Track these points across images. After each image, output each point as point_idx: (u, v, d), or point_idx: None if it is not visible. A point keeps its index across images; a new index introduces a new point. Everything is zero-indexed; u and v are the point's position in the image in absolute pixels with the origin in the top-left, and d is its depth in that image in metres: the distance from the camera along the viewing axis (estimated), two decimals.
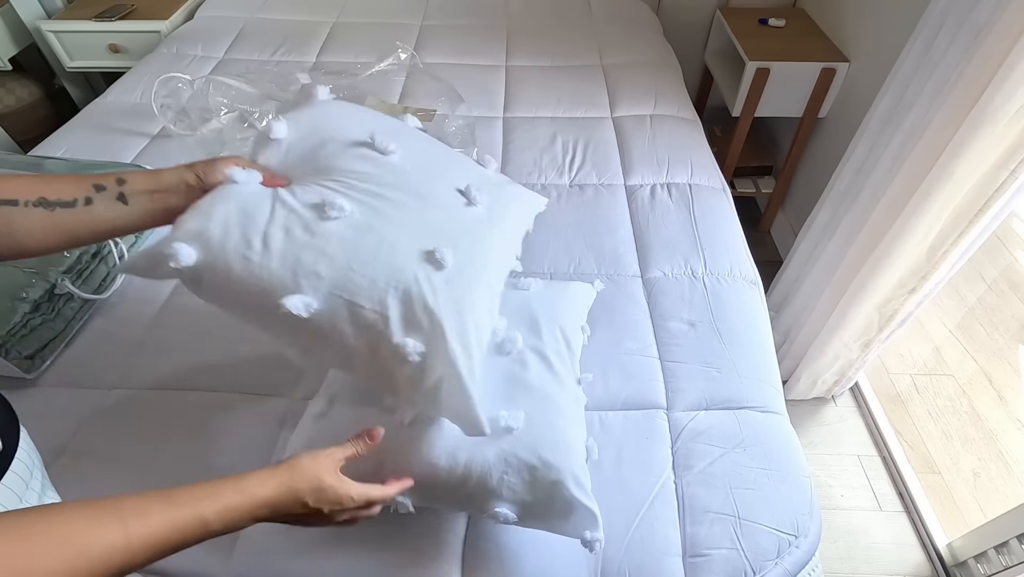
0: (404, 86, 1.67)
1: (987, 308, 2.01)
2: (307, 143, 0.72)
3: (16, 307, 0.96)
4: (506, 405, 0.73)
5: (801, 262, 1.63)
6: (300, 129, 0.72)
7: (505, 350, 0.80)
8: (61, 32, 2.06)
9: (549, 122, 1.58)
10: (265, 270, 0.62)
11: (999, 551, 1.27)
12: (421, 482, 0.69)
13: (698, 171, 1.43)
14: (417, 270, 0.66)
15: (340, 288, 0.63)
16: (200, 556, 0.79)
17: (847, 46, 1.78)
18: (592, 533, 0.70)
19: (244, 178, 0.64)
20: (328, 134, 0.73)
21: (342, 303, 0.63)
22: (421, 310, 0.64)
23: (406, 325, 0.64)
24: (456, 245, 0.69)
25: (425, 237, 0.69)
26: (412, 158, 0.74)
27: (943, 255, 1.24)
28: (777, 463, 0.89)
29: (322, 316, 0.63)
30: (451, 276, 0.67)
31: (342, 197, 0.66)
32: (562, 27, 2.01)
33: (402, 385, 0.67)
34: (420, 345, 0.64)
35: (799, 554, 0.82)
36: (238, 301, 0.66)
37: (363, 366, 0.68)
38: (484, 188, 0.76)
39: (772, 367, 1.05)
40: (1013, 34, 0.96)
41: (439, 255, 0.67)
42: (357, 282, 0.63)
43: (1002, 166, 1.08)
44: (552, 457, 0.70)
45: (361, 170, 0.70)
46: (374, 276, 0.64)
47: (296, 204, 0.65)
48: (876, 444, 1.64)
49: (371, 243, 0.65)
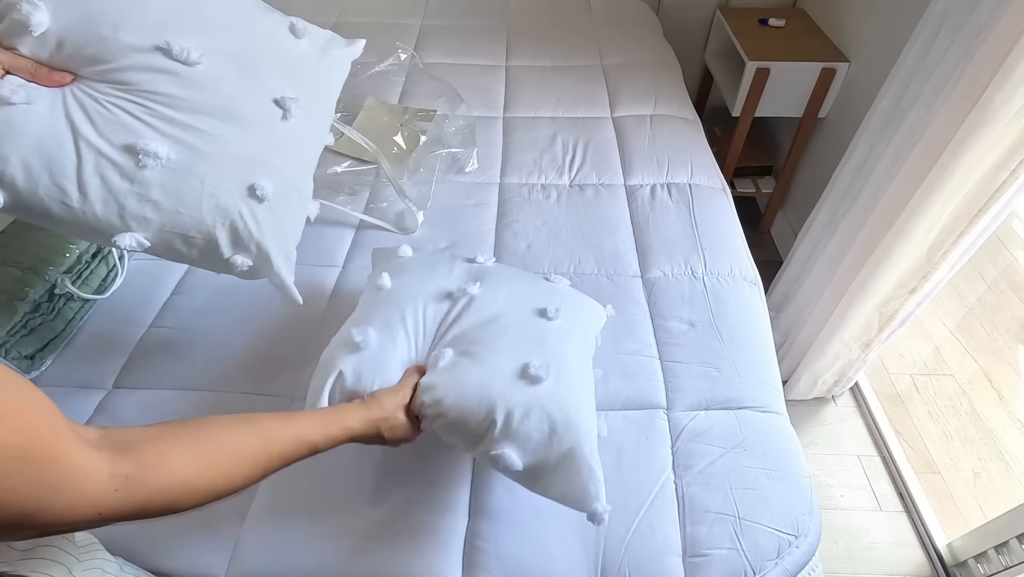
0: (404, 87, 1.67)
1: (987, 308, 2.02)
2: (83, 38, 0.62)
3: (16, 307, 0.96)
4: (538, 357, 0.74)
5: (801, 262, 1.63)
6: (69, 17, 0.61)
7: (549, 316, 0.81)
8: None
9: (549, 122, 1.58)
10: (89, 214, 0.64)
11: (999, 551, 1.27)
12: (449, 411, 0.70)
13: (698, 171, 1.43)
14: (241, 206, 0.72)
15: (170, 226, 0.69)
16: (200, 556, 0.79)
17: (847, 46, 1.78)
18: (598, 505, 0.69)
19: (23, 97, 0.57)
20: (109, 28, 0.63)
21: (174, 236, 0.70)
22: (248, 239, 0.73)
23: (235, 247, 0.74)
24: (272, 169, 0.75)
25: (246, 169, 0.73)
26: (217, 59, 0.70)
27: (943, 255, 1.24)
28: (777, 463, 0.89)
29: (156, 246, 0.71)
30: (274, 204, 0.75)
31: (155, 139, 0.64)
32: (562, 27, 2.01)
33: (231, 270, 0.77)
34: (248, 260, 0.75)
35: (799, 554, 0.82)
36: (64, 230, 0.70)
37: (199, 264, 0.77)
38: None
39: (772, 367, 1.05)
40: (1013, 34, 0.96)
41: (259, 191, 0.72)
42: (185, 222, 0.69)
43: (1002, 166, 1.08)
44: (576, 417, 0.71)
45: (165, 92, 0.66)
46: (201, 216, 0.70)
47: (105, 146, 0.62)
48: (876, 444, 1.64)
49: (194, 187, 0.69)
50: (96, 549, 0.63)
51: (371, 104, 1.53)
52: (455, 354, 0.75)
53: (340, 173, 1.35)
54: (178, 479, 0.45)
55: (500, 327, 0.78)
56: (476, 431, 0.70)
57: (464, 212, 1.31)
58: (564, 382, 0.74)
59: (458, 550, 0.81)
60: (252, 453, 0.52)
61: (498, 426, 0.69)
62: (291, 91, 0.77)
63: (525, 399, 0.70)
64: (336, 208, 1.27)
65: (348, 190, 1.34)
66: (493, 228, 1.28)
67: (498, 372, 0.72)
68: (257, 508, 0.83)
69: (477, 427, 0.70)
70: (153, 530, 0.80)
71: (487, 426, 0.69)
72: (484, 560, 0.79)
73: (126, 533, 0.77)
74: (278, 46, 0.80)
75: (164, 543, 0.79)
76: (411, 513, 0.82)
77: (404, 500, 0.84)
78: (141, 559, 0.75)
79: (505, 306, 0.81)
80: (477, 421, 0.70)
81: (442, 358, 0.74)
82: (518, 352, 0.74)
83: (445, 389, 0.71)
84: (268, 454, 0.54)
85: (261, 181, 0.72)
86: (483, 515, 0.83)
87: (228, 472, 0.50)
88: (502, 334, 0.77)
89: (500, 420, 0.69)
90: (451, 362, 0.74)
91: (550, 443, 0.69)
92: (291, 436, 0.57)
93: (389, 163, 1.33)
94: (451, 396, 0.70)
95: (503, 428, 0.69)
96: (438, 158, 1.42)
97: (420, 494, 0.84)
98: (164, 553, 0.78)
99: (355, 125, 1.45)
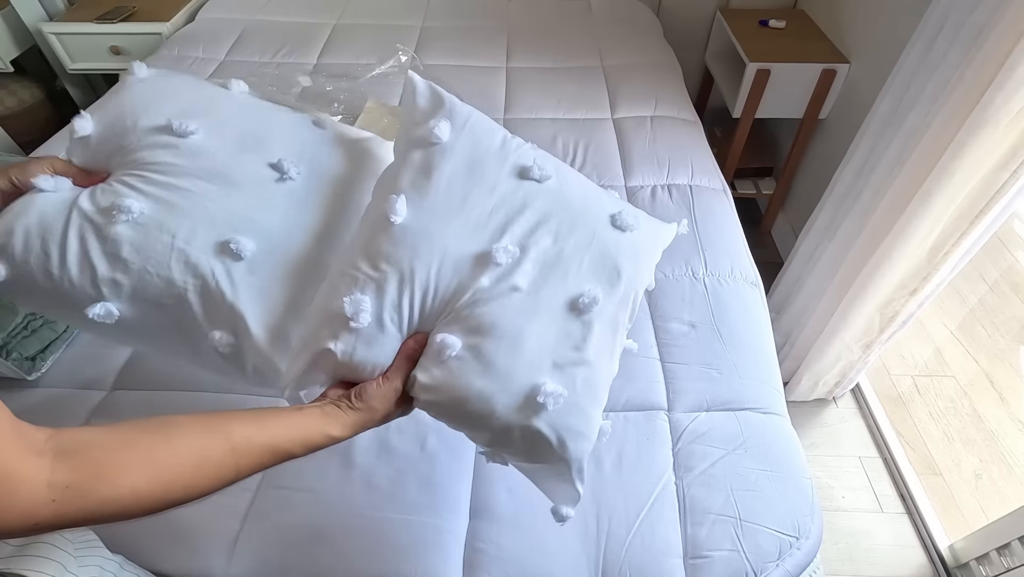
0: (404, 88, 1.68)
1: (988, 309, 2.01)
2: (113, 133, 0.68)
3: (17, 309, 0.97)
4: (552, 375, 0.65)
5: (802, 263, 1.63)
6: (106, 120, 0.69)
7: (581, 308, 0.69)
8: (63, 34, 2.07)
9: (550, 124, 1.58)
10: (66, 281, 0.62)
11: (1001, 553, 1.27)
12: (447, 418, 0.67)
13: (699, 172, 1.43)
14: (214, 263, 0.64)
15: (141, 291, 0.63)
16: (200, 556, 0.79)
17: (848, 47, 1.78)
18: (567, 510, 0.67)
19: (52, 185, 0.62)
20: (132, 121, 0.68)
21: (147, 303, 0.64)
22: (220, 302, 0.64)
23: (209, 318, 0.64)
24: (258, 227, 0.67)
25: (225, 225, 0.66)
26: (221, 134, 0.70)
27: (944, 256, 1.24)
28: (778, 464, 0.89)
29: (130, 317, 0.64)
30: (256, 265, 0.65)
31: (134, 197, 0.64)
32: (562, 28, 2.01)
33: (228, 371, 0.67)
34: (227, 336, 0.64)
35: (800, 556, 0.81)
36: (50, 308, 0.67)
37: (183, 349, 0.67)
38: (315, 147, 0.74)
39: (773, 368, 1.05)
40: (1014, 35, 0.96)
41: (234, 245, 0.64)
42: (155, 283, 0.63)
43: (1003, 167, 1.08)
44: (571, 443, 0.65)
45: (161, 161, 0.66)
46: (169, 276, 0.63)
47: (90, 209, 0.63)
48: (877, 445, 1.63)
49: (163, 242, 0.63)
50: (95, 546, 0.62)
51: (372, 106, 1.53)
52: (463, 347, 0.64)
53: None
54: (127, 490, 0.42)
55: (523, 313, 0.66)
56: (472, 434, 0.69)
57: None
58: (574, 409, 0.66)
59: (458, 551, 0.80)
60: (216, 462, 0.48)
61: (494, 435, 0.66)
62: (293, 157, 0.72)
63: (528, 423, 0.64)
64: None
65: None
66: None
67: (506, 389, 0.64)
68: (257, 508, 0.83)
69: (473, 433, 0.69)
70: (153, 530, 0.80)
71: (485, 432, 0.67)
72: (484, 561, 0.79)
73: (125, 533, 0.77)
74: (297, 132, 0.77)
75: (164, 543, 0.79)
76: (411, 513, 0.82)
77: (404, 500, 0.84)
78: (141, 559, 0.75)
79: (535, 283, 0.67)
80: (475, 430, 0.68)
81: (448, 348, 0.63)
82: (534, 366, 0.65)
83: (445, 394, 0.64)
84: (236, 465, 0.49)
85: (240, 238, 0.65)
86: (483, 516, 0.83)
87: (187, 484, 0.46)
88: (522, 332, 0.65)
89: (497, 431, 0.65)
90: (458, 356, 0.63)
91: (538, 454, 0.67)
92: (263, 445, 0.52)
93: None
94: (451, 404, 0.65)
95: (499, 437, 0.66)
96: None
97: (420, 494, 0.84)
98: (164, 553, 0.78)
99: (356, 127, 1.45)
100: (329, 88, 1.59)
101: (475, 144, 0.72)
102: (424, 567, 0.78)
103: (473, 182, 0.70)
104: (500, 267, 0.67)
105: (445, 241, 0.66)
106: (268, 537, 0.80)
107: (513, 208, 0.70)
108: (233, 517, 0.82)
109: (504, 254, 0.67)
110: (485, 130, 0.75)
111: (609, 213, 0.74)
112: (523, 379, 0.64)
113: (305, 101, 1.54)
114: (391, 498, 0.84)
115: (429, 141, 0.71)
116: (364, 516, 0.82)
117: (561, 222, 0.71)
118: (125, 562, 0.66)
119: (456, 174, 0.69)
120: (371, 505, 0.83)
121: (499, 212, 0.69)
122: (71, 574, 0.54)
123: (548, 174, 0.73)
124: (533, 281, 0.67)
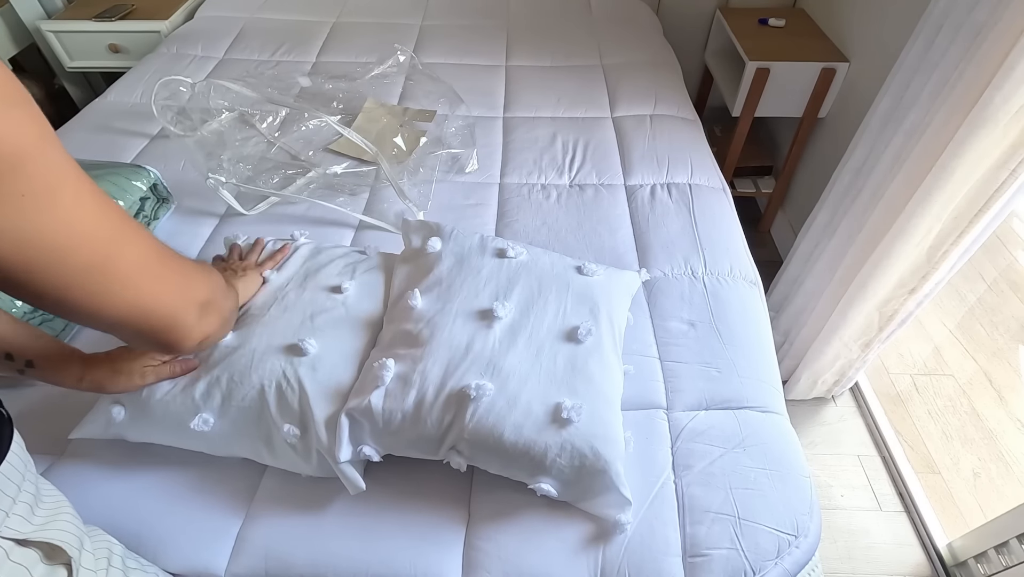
0: (403, 88, 1.68)
1: (987, 308, 2.02)
2: None
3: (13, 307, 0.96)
4: (569, 393, 0.78)
5: (801, 262, 1.63)
6: None
7: (579, 338, 0.84)
8: (61, 32, 2.06)
9: (549, 122, 1.58)
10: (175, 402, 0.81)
11: (999, 551, 1.27)
12: (484, 442, 0.76)
13: (698, 171, 1.43)
14: (284, 365, 0.80)
15: (229, 399, 0.79)
16: (201, 553, 0.79)
17: (847, 46, 1.78)
18: (623, 516, 0.78)
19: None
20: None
21: (237, 410, 0.79)
22: (291, 398, 0.78)
23: (281, 412, 0.78)
24: (316, 331, 0.84)
25: (292, 333, 0.83)
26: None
27: (943, 255, 1.24)
28: (777, 463, 0.89)
29: (223, 427, 0.79)
30: (319, 362, 0.81)
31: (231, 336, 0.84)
32: (562, 27, 2.01)
33: (298, 465, 0.81)
34: (295, 428, 0.77)
35: (799, 554, 0.81)
36: (156, 435, 0.83)
37: (267, 452, 0.82)
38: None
39: (772, 367, 1.05)
40: (1013, 34, 0.96)
41: (303, 345, 0.80)
42: (242, 391, 0.79)
43: (1002, 166, 1.08)
44: (603, 449, 0.75)
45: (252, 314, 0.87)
46: (252, 380, 0.79)
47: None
48: (876, 444, 1.64)
49: (244, 355, 0.81)
50: (96, 532, 0.65)
51: (370, 106, 1.53)
52: (485, 384, 0.76)
53: (340, 174, 1.35)
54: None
55: (531, 351, 0.81)
56: (515, 471, 0.79)
57: (464, 212, 1.31)
58: (596, 416, 0.78)
59: (458, 550, 0.81)
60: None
61: (535, 461, 0.76)
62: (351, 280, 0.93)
63: (558, 441, 0.75)
64: (336, 209, 1.28)
65: (348, 191, 1.34)
66: (493, 228, 1.28)
67: (532, 413, 0.76)
68: (258, 506, 0.83)
69: (517, 467, 0.79)
70: (155, 527, 0.80)
71: (525, 462, 0.77)
72: (484, 560, 0.79)
73: (128, 530, 0.77)
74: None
75: (165, 540, 0.79)
76: (411, 513, 0.83)
77: (405, 500, 0.84)
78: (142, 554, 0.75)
79: (534, 326, 0.84)
80: (517, 462, 0.77)
81: (477, 392, 0.76)
82: (550, 388, 0.78)
83: (484, 436, 0.76)
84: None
85: (305, 338, 0.81)
86: (483, 515, 0.83)
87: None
88: (533, 363, 0.80)
89: (537, 457, 0.76)
90: (481, 394, 0.76)
91: (580, 473, 0.76)
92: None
93: (389, 164, 1.33)
94: (493, 443, 0.76)
95: (539, 463, 0.76)
96: (438, 158, 1.42)
97: (420, 494, 0.84)
98: (165, 550, 0.78)
99: (354, 127, 1.45)
100: (328, 87, 1.59)
101: (460, 245, 0.95)
102: (424, 566, 0.78)
103: (466, 271, 0.91)
104: (501, 320, 0.83)
105: (455, 307, 0.86)
106: (269, 535, 0.80)
107: (501, 278, 0.90)
108: (235, 514, 0.82)
109: (502, 308, 0.84)
110: (466, 236, 0.97)
111: (574, 266, 0.95)
112: (545, 402, 0.77)
113: (304, 101, 1.54)
114: (390, 497, 0.84)
115: (427, 252, 0.95)
116: (363, 514, 0.82)
117: (540, 279, 0.90)
118: (126, 551, 0.69)
119: (451, 267, 0.92)
120: (370, 504, 0.83)
121: (491, 282, 0.89)
122: (87, 552, 0.58)
123: (520, 251, 0.94)
124: (532, 326, 0.84)
